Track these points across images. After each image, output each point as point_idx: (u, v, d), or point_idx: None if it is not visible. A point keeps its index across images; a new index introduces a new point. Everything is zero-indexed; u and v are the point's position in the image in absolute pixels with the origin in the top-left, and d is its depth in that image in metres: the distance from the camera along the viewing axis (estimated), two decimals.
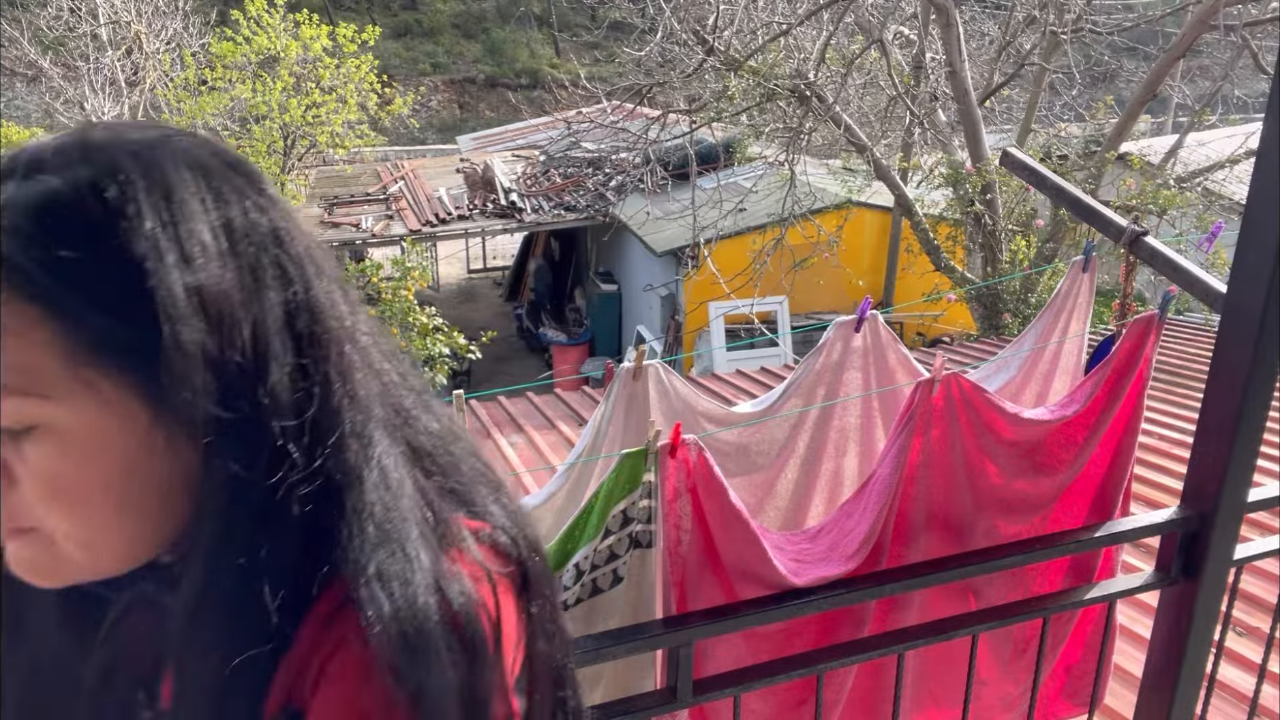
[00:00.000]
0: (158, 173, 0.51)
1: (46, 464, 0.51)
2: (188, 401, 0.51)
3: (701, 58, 8.49)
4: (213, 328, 0.51)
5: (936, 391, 1.87)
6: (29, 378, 0.49)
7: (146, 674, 0.61)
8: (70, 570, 0.55)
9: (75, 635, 0.62)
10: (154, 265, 0.49)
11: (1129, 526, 1.57)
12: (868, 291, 7.59)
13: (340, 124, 16.31)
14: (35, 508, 0.52)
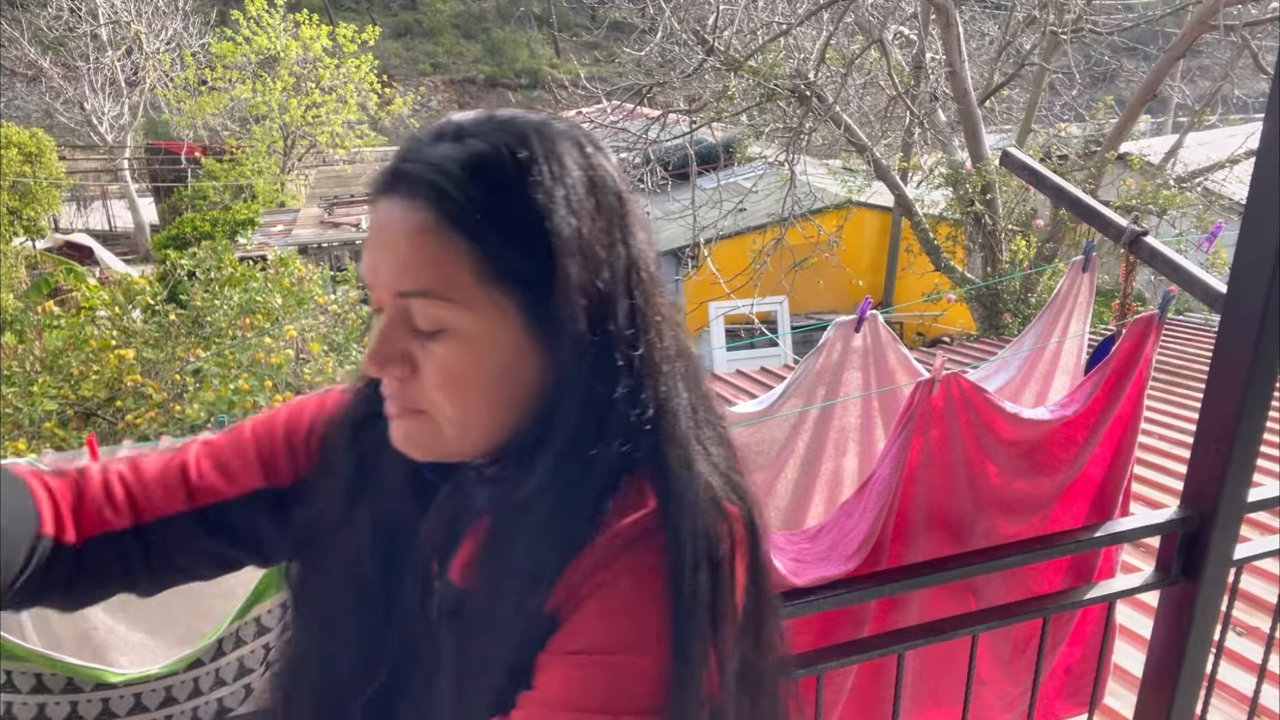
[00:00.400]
0: (550, 143, 0.65)
1: (449, 359, 0.64)
2: (562, 321, 0.63)
3: (701, 58, 8.49)
4: (585, 263, 0.64)
5: (936, 391, 1.87)
6: (450, 288, 0.63)
7: (442, 550, 0.73)
8: (441, 448, 0.68)
9: (410, 507, 0.75)
10: (549, 210, 0.63)
11: (1129, 526, 1.57)
12: (868, 291, 7.59)
13: (340, 124, 16.32)
14: (431, 394, 0.65)
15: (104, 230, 18.41)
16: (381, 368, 0.65)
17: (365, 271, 0.66)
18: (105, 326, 6.14)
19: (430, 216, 0.63)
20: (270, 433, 0.81)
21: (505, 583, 0.67)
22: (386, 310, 0.65)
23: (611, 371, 0.66)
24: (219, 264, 6.52)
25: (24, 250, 13.27)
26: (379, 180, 0.67)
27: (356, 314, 6.37)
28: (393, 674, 0.75)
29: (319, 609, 0.78)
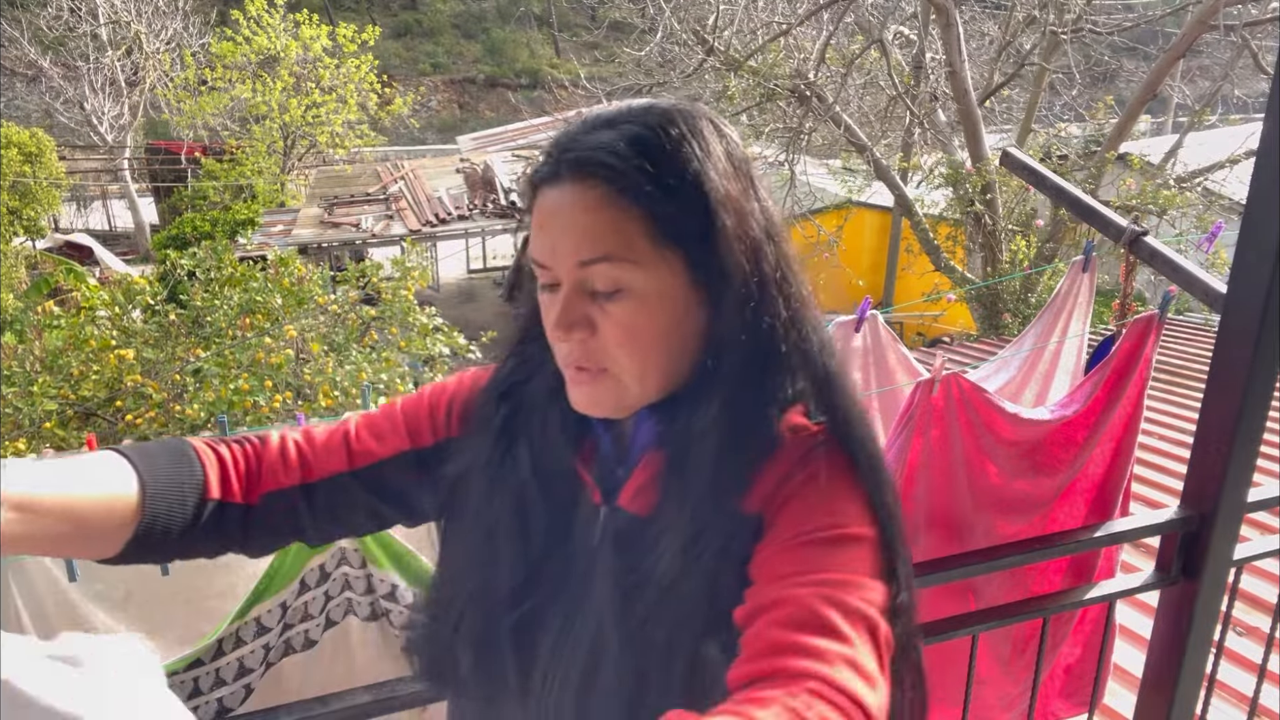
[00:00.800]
0: (691, 121, 0.76)
1: (628, 316, 0.73)
2: (725, 267, 0.74)
3: (701, 58, 8.49)
4: (736, 217, 0.75)
5: (936, 391, 1.87)
6: (627, 250, 0.72)
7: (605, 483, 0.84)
8: (623, 402, 0.78)
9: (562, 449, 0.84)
10: (703, 175, 0.73)
11: (1129, 526, 1.57)
12: (868, 291, 7.58)
13: (340, 124, 16.30)
14: (612, 350, 0.75)
15: (104, 230, 18.40)
16: (569, 331, 0.74)
17: (540, 252, 0.75)
18: (105, 326, 6.14)
19: (605, 191, 0.72)
20: (416, 404, 0.93)
21: (693, 502, 0.76)
22: (564, 282, 0.74)
23: (770, 307, 0.76)
24: (219, 264, 6.52)
25: (24, 250, 13.26)
26: (543, 171, 0.76)
27: (356, 314, 6.37)
28: (541, 600, 0.83)
29: (472, 548, 0.86)
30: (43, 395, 5.48)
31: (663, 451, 0.80)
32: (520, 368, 0.87)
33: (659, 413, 0.81)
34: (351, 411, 2.05)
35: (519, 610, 0.83)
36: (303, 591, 1.72)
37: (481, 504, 0.85)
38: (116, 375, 5.76)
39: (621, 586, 0.79)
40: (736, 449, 0.77)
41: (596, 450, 0.86)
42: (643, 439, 0.83)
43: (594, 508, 0.84)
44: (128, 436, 5.42)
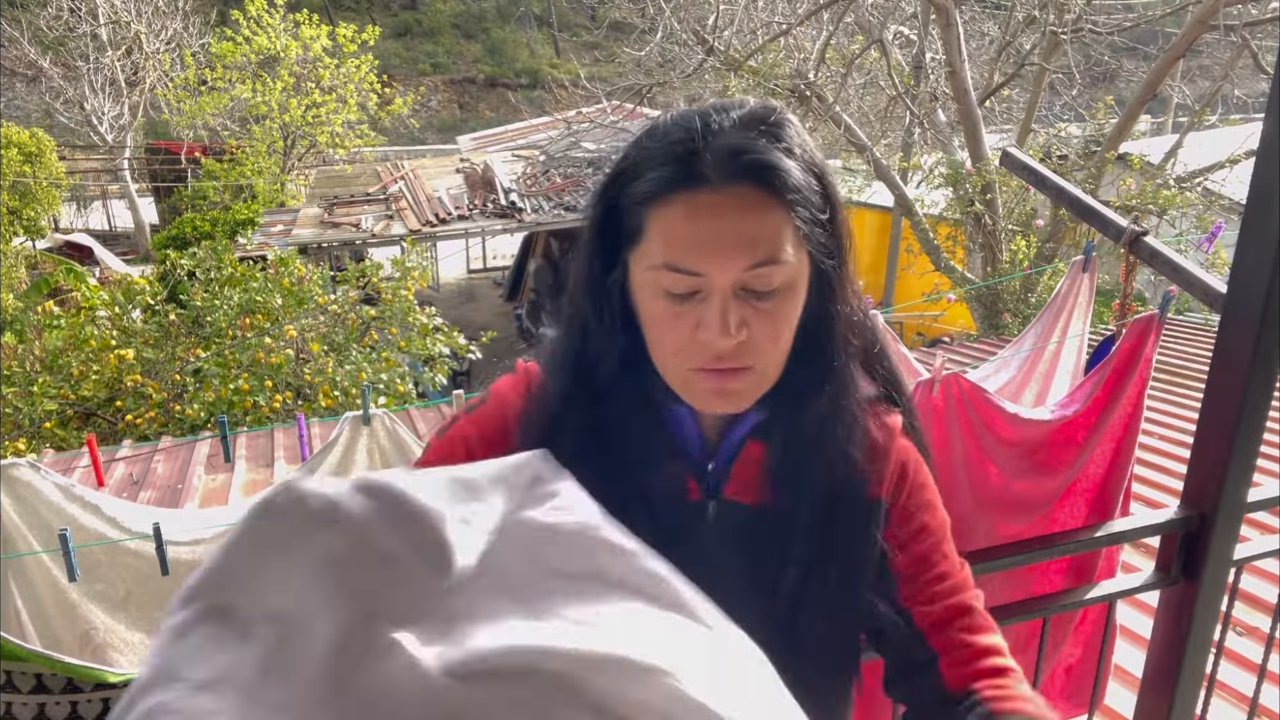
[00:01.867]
0: (793, 119, 0.79)
1: (783, 313, 0.77)
2: (841, 261, 0.81)
3: (701, 58, 8.50)
4: (842, 214, 0.80)
5: (936, 391, 1.88)
6: (783, 252, 0.75)
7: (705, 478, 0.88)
8: (757, 394, 0.80)
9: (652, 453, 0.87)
10: (823, 176, 0.79)
11: (1129, 526, 1.57)
12: (868, 291, 7.58)
13: (340, 124, 16.29)
14: (763, 348, 0.77)
15: (104, 230, 18.39)
16: (737, 331, 0.75)
17: (703, 258, 0.75)
18: (105, 326, 6.13)
19: (760, 192, 0.75)
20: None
21: (812, 486, 0.83)
22: (720, 286, 0.75)
23: (851, 289, 0.84)
24: (219, 264, 6.51)
25: (24, 250, 13.26)
26: (673, 172, 0.76)
27: (356, 314, 6.37)
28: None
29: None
30: (43, 395, 5.48)
31: (768, 441, 0.85)
32: (584, 380, 0.86)
33: (758, 405, 0.83)
34: (351, 411, 2.05)
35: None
36: None
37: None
38: (116, 375, 5.76)
39: (751, 575, 0.84)
40: (840, 429, 0.84)
41: (675, 446, 0.87)
42: (739, 431, 0.86)
43: (694, 504, 0.86)
44: (128, 436, 5.41)
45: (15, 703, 1.41)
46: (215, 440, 4.15)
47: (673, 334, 0.78)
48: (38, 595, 1.72)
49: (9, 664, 1.38)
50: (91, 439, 2.23)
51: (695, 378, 0.79)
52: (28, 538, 1.70)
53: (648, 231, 0.77)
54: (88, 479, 2.96)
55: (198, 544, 1.76)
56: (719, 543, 0.86)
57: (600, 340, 0.85)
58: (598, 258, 0.82)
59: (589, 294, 0.84)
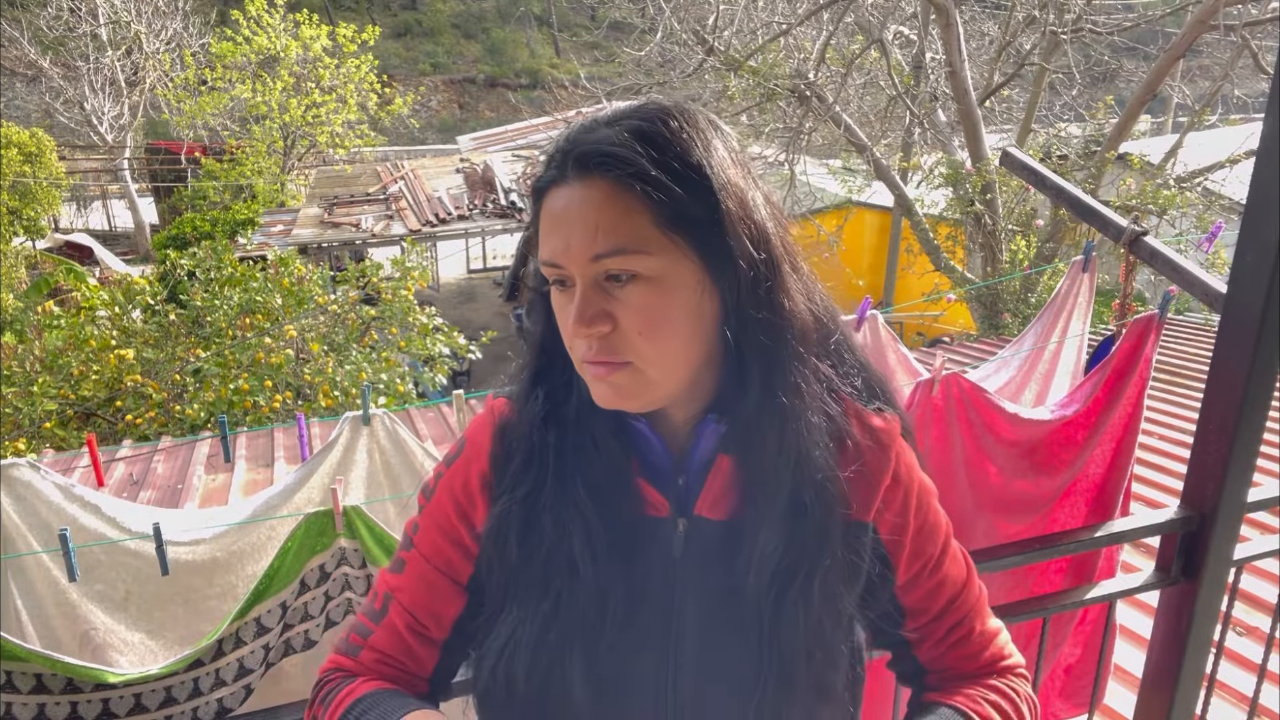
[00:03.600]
0: (690, 115, 0.78)
1: (644, 301, 0.75)
2: (731, 250, 0.76)
3: (701, 58, 8.50)
4: (739, 201, 0.77)
5: (936, 391, 1.88)
6: (638, 240, 0.74)
7: (676, 495, 0.85)
8: (649, 393, 0.78)
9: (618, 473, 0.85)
10: (704, 163, 0.75)
11: (1129, 526, 1.57)
12: (868, 291, 7.58)
13: (340, 124, 16.29)
14: (633, 339, 0.75)
15: (104, 230, 18.39)
16: (590, 325, 0.75)
17: (553, 251, 0.76)
18: (105, 326, 6.13)
19: (610, 184, 0.74)
20: (434, 545, 0.91)
21: (784, 498, 0.80)
22: (580, 280, 0.75)
23: (786, 285, 0.80)
24: (219, 264, 6.51)
25: (24, 250, 13.26)
26: (547, 176, 0.78)
27: (356, 314, 6.37)
28: (630, 622, 0.84)
29: (546, 592, 0.84)
30: (43, 395, 5.48)
31: (734, 453, 0.83)
32: (548, 396, 0.86)
33: (717, 415, 0.82)
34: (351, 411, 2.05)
35: (616, 636, 0.83)
36: (303, 592, 1.72)
37: (551, 517, 0.84)
38: (116, 375, 5.76)
39: (725, 591, 0.83)
40: (804, 434, 0.80)
41: (645, 463, 0.85)
42: (705, 445, 0.84)
43: (664, 521, 0.84)
44: (128, 436, 5.41)
45: (15, 703, 1.41)
46: (215, 440, 4.15)
47: (563, 327, 0.79)
48: (37, 595, 1.72)
49: (9, 664, 1.38)
50: (91, 439, 2.22)
51: (585, 370, 0.79)
52: (27, 538, 1.70)
53: (538, 230, 0.79)
54: (88, 479, 2.96)
55: (198, 544, 1.76)
56: (691, 560, 0.84)
57: (549, 352, 0.85)
58: (535, 261, 0.83)
59: (536, 296, 0.85)
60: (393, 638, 0.90)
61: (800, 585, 0.82)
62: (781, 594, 0.82)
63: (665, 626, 0.84)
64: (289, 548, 1.66)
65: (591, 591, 0.82)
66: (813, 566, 0.82)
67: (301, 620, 1.75)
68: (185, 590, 1.78)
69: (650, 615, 0.84)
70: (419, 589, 0.90)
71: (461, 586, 0.90)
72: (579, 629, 0.82)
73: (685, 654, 0.84)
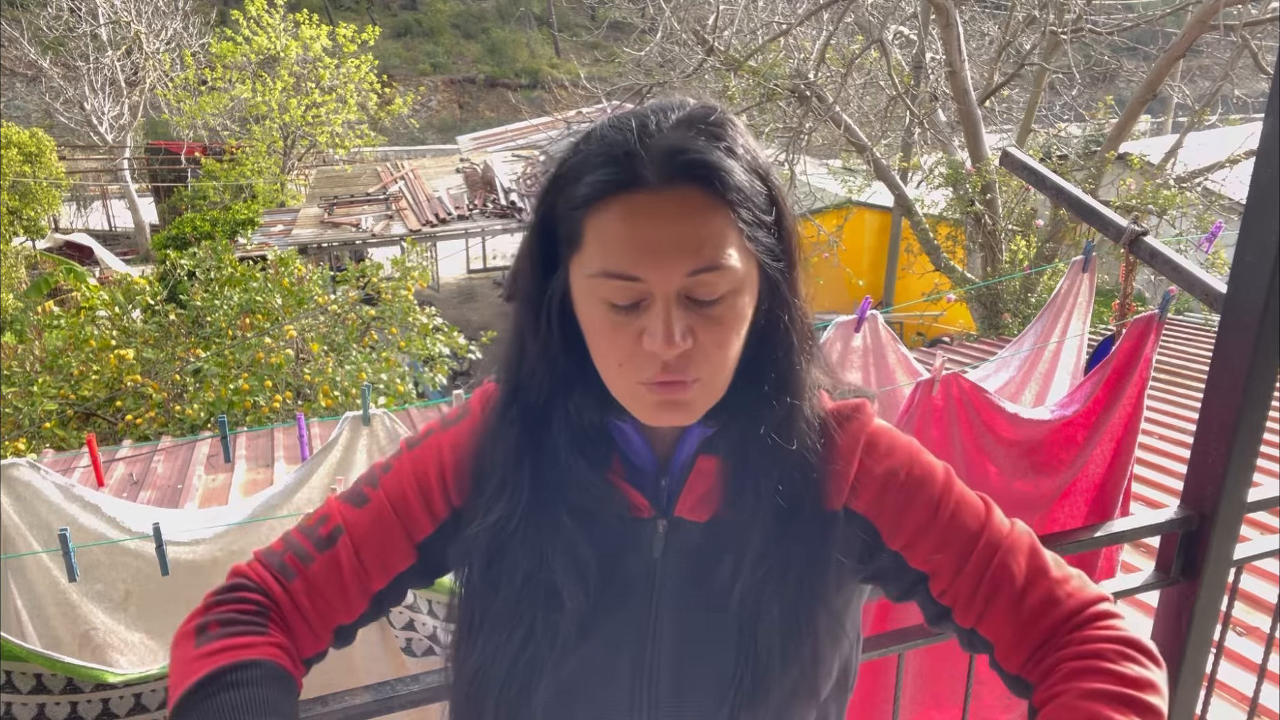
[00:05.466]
0: (734, 119, 0.76)
1: (730, 321, 0.74)
2: (792, 262, 0.78)
3: (701, 58, 8.50)
4: (789, 213, 0.77)
5: (936, 391, 1.88)
6: (727, 256, 0.72)
7: (656, 496, 0.84)
8: (706, 406, 0.77)
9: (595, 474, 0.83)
10: (767, 176, 0.75)
11: (1129, 526, 1.56)
12: (868, 291, 7.59)
13: (340, 124, 16.30)
14: (710, 357, 0.73)
15: (104, 230, 18.39)
16: (682, 340, 0.71)
17: (635, 264, 0.71)
18: (105, 326, 6.13)
19: (703, 194, 0.71)
20: (400, 494, 0.88)
21: (768, 498, 0.79)
22: (663, 295, 0.71)
23: (800, 294, 0.80)
24: (219, 264, 6.51)
25: (24, 250, 13.26)
26: (609, 174, 0.72)
27: (356, 314, 6.37)
28: (608, 621, 0.83)
29: (526, 591, 0.82)
30: (43, 395, 5.48)
31: (720, 455, 0.81)
32: (526, 395, 0.83)
33: (705, 419, 0.80)
34: (351, 411, 2.05)
35: (593, 637, 0.82)
36: None
37: (526, 546, 0.82)
38: (116, 375, 5.76)
39: (704, 593, 0.82)
40: (795, 438, 0.80)
41: (628, 465, 0.84)
42: (689, 446, 0.83)
43: (645, 522, 0.83)
44: (128, 436, 5.42)
45: (15, 703, 1.41)
46: (215, 440, 4.15)
47: (616, 346, 0.74)
48: (37, 595, 1.72)
49: (9, 664, 1.38)
50: (91, 439, 2.22)
51: (641, 390, 0.74)
52: (27, 538, 1.70)
53: (585, 238, 0.73)
54: (88, 479, 2.96)
55: (198, 544, 1.76)
56: (671, 561, 0.83)
57: (540, 352, 0.81)
58: (538, 267, 0.79)
59: (529, 305, 0.80)
60: (332, 575, 0.85)
61: (781, 586, 0.80)
62: (762, 595, 0.80)
63: (642, 629, 0.83)
64: None
65: (574, 619, 0.81)
66: (795, 566, 0.81)
67: None
68: (185, 590, 1.78)
69: (627, 618, 0.83)
70: (374, 532, 0.86)
71: (415, 544, 0.87)
72: (555, 648, 0.81)
73: (662, 656, 0.83)
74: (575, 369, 0.80)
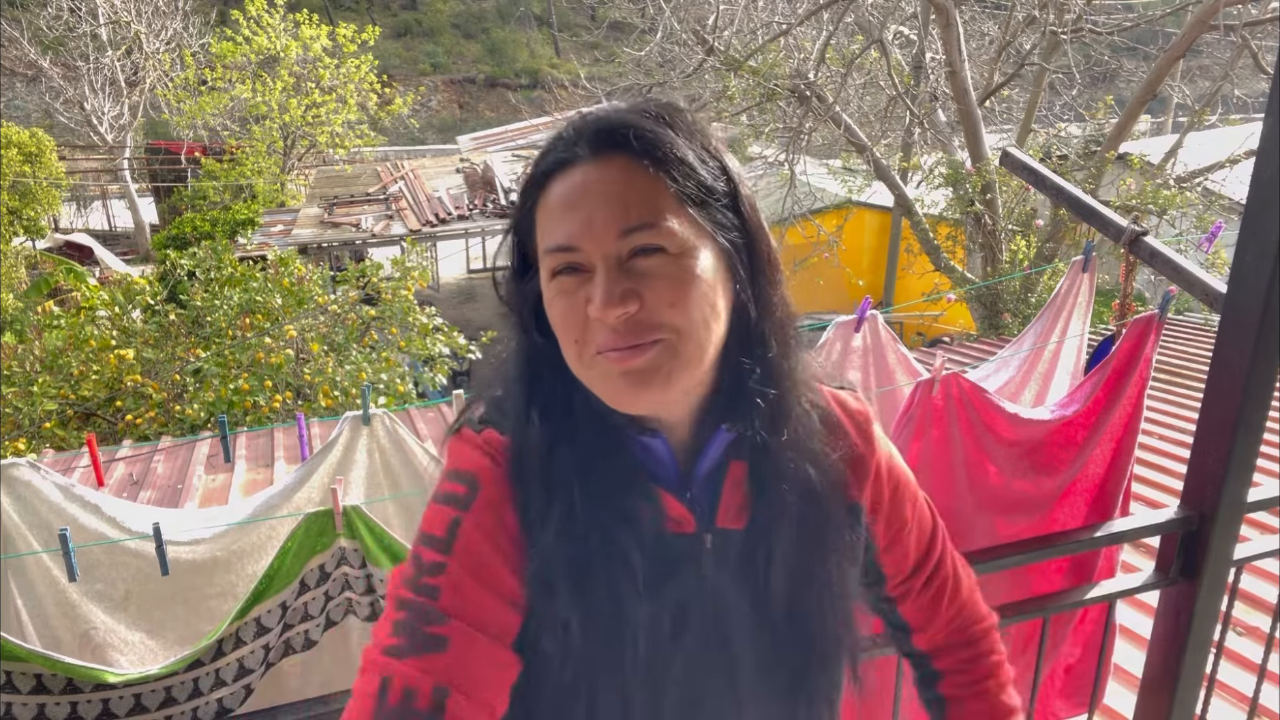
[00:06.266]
0: (677, 106, 0.79)
1: (673, 271, 0.73)
2: (747, 231, 0.78)
3: (701, 58, 8.50)
4: (739, 178, 0.79)
5: (936, 391, 1.88)
6: (660, 213, 0.72)
7: (699, 510, 0.83)
8: (676, 375, 0.74)
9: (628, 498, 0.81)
10: (705, 141, 0.77)
11: (1129, 526, 1.57)
12: (868, 291, 7.59)
13: (340, 124, 16.30)
14: (663, 314, 0.72)
15: (104, 230, 18.39)
16: (622, 303, 0.71)
17: (569, 233, 0.73)
18: (105, 326, 6.13)
19: (632, 160, 0.73)
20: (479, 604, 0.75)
21: (798, 497, 0.81)
22: (601, 260, 0.72)
23: (779, 278, 0.81)
24: (219, 264, 6.51)
25: (24, 250, 13.26)
26: (553, 156, 0.76)
27: (356, 314, 6.37)
28: (672, 646, 0.82)
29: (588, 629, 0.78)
30: (43, 395, 5.48)
31: (744, 459, 0.82)
32: (546, 416, 0.79)
33: (726, 419, 0.80)
34: (351, 411, 2.05)
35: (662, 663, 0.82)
36: (302, 592, 1.72)
37: (580, 583, 0.77)
38: (116, 375, 5.76)
39: (754, 598, 0.83)
40: (804, 426, 0.82)
41: (653, 478, 0.82)
42: (712, 454, 0.82)
43: (688, 538, 0.81)
44: (128, 436, 5.41)
45: (15, 703, 1.40)
46: (215, 440, 4.15)
47: (570, 323, 0.74)
48: (38, 595, 1.72)
49: (9, 664, 1.37)
50: (91, 439, 2.22)
51: (600, 363, 0.73)
52: (28, 538, 1.70)
53: (537, 224, 0.76)
54: (88, 479, 2.96)
55: (198, 544, 1.76)
56: (720, 574, 0.82)
57: (531, 358, 0.80)
58: (515, 271, 0.80)
59: (513, 312, 0.80)
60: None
61: (820, 575, 0.84)
62: (806, 587, 0.84)
63: (713, 649, 0.83)
64: (289, 548, 1.66)
65: (639, 634, 0.79)
66: (827, 554, 0.85)
67: (301, 620, 1.75)
68: (185, 590, 1.78)
69: (695, 641, 0.82)
70: (473, 663, 0.73)
71: (511, 648, 0.76)
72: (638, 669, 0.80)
73: (739, 672, 0.84)
74: (568, 375, 0.78)
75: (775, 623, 0.84)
